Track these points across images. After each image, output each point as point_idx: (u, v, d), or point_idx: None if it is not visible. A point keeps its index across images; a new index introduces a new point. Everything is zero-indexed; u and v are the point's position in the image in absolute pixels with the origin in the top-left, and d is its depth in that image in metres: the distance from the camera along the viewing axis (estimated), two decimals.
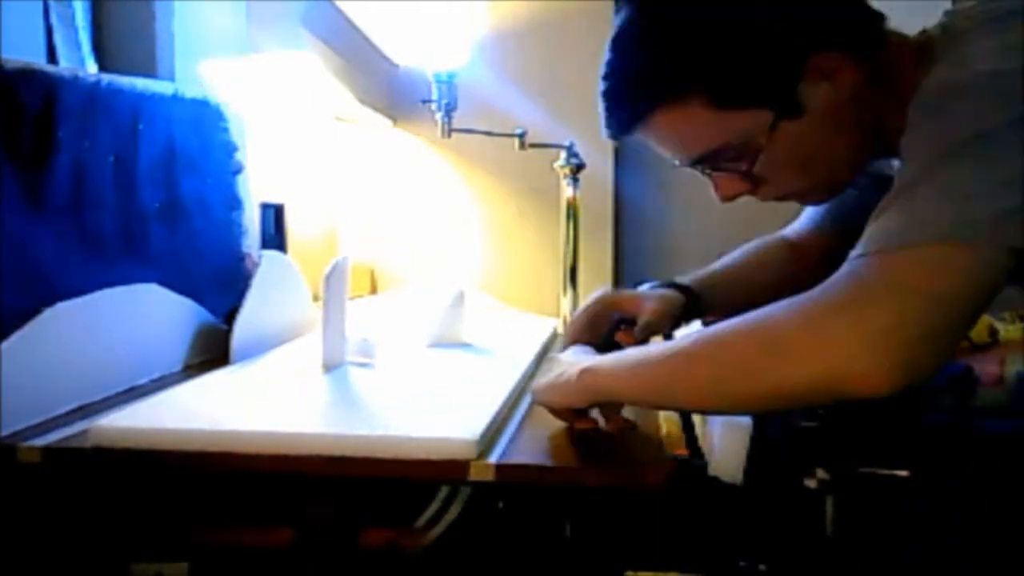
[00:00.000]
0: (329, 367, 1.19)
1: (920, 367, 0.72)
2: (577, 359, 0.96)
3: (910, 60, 0.89)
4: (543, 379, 0.97)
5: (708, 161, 0.94)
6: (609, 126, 0.95)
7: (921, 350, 0.72)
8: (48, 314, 0.97)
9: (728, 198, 0.96)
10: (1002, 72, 0.77)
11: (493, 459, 0.86)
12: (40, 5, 1.26)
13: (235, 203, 1.44)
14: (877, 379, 0.71)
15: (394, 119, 2.22)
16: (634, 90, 0.92)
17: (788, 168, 0.93)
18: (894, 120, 0.87)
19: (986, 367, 1.35)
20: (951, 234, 0.73)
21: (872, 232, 0.77)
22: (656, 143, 0.95)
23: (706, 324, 1.07)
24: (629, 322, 1.11)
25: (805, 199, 1.00)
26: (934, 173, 0.76)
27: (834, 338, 0.72)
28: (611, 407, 0.95)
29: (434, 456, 0.85)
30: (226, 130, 1.42)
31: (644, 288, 1.17)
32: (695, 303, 1.17)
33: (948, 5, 2.02)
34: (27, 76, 1.01)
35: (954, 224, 0.73)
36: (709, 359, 0.81)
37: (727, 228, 2.20)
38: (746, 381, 0.78)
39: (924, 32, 0.92)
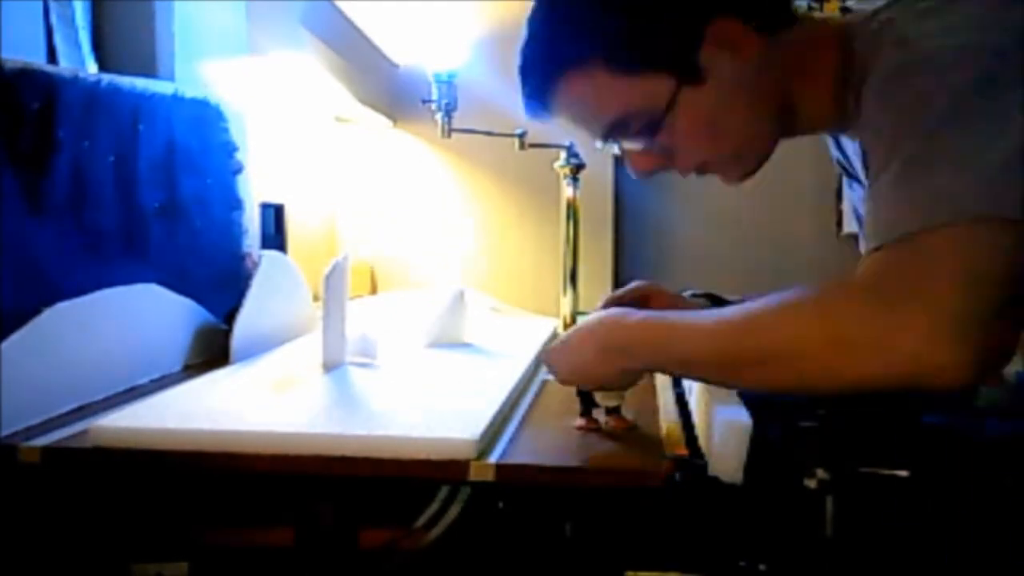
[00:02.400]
0: (329, 367, 1.19)
1: (993, 352, 0.72)
2: (582, 328, 0.94)
3: (825, 43, 0.90)
4: (557, 351, 0.95)
5: (617, 131, 0.94)
6: (526, 104, 0.97)
7: (993, 334, 0.71)
8: (48, 314, 0.97)
9: (644, 172, 0.97)
10: (947, 47, 0.77)
11: (493, 459, 0.86)
12: (40, 5, 1.26)
13: (235, 203, 1.44)
14: (957, 369, 0.70)
15: (394, 119, 2.22)
16: (540, 62, 0.95)
17: (694, 136, 0.92)
18: (809, 100, 0.90)
19: None
20: (985, 209, 0.72)
21: (897, 211, 0.76)
22: (568, 118, 0.96)
23: None
24: None
25: (722, 173, 0.98)
26: (935, 145, 0.75)
27: (908, 331, 0.71)
28: (613, 402, 0.94)
29: (434, 456, 0.85)
30: (226, 130, 1.42)
31: (686, 294, 1.17)
32: None
33: None
34: (27, 76, 1.01)
35: (984, 198, 0.72)
36: (763, 346, 0.79)
37: (727, 228, 2.21)
38: (816, 373, 0.76)
39: (836, 19, 0.93)
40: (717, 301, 1.16)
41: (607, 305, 1.11)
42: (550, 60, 0.93)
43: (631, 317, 0.90)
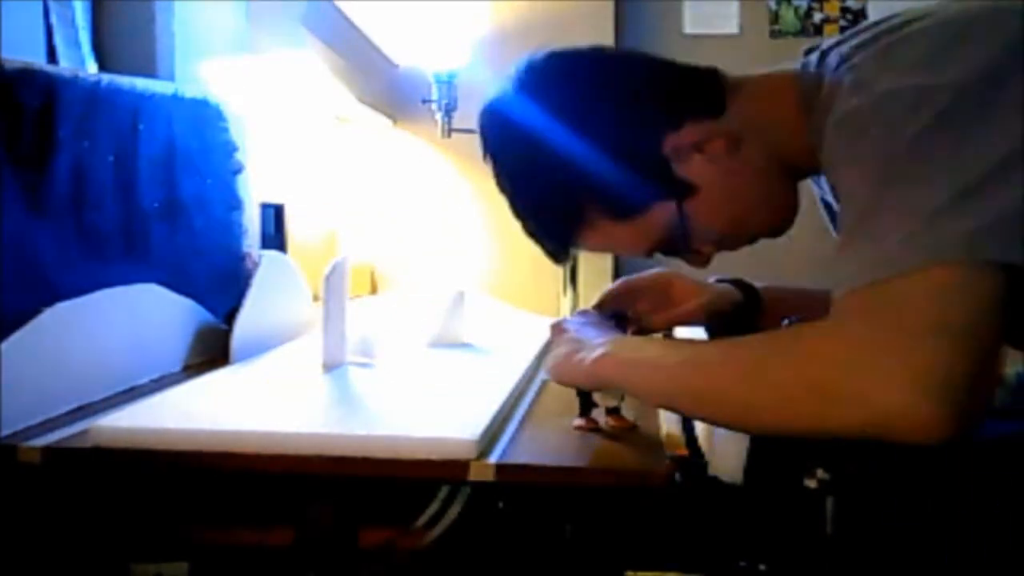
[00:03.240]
0: (329, 367, 1.19)
1: (974, 406, 0.71)
2: (585, 334, 0.96)
3: (779, 91, 0.93)
4: (558, 350, 0.96)
5: (654, 253, 1.01)
6: (554, 256, 1.03)
7: (972, 386, 0.70)
8: (48, 314, 0.97)
9: (704, 266, 1.03)
10: (898, 90, 0.77)
11: (493, 459, 0.86)
12: (40, 5, 1.26)
13: (235, 203, 1.44)
14: (938, 425, 0.69)
15: (394, 119, 2.22)
16: (545, 232, 1.01)
17: (721, 231, 0.98)
18: (798, 145, 0.91)
19: None
20: (952, 251, 0.71)
21: (861, 254, 0.75)
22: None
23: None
24: (621, 317, 1.10)
25: (768, 236, 1.02)
26: (895, 188, 0.75)
27: (883, 386, 0.70)
28: (613, 402, 0.95)
29: (434, 456, 0.85)
30: (226, 130, 1.42)
31: (712, 279, 1.18)
32: (753, 309, 1.18)
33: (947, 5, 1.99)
34: (27, 76, 1.01)
35: (951, 241, 0.71)
36: (743, 384, 0.78)
37: None
38: (789, 419, 0.76)
39: (795, 70, 0.94)
40: (744, 287, 1.17)
41: (621, 291, 1.12)
42: (553, 232, 1.01)
43: (622, 351, 0.89)
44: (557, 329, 0.99)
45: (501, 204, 1.02)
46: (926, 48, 0.79)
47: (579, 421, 0.98)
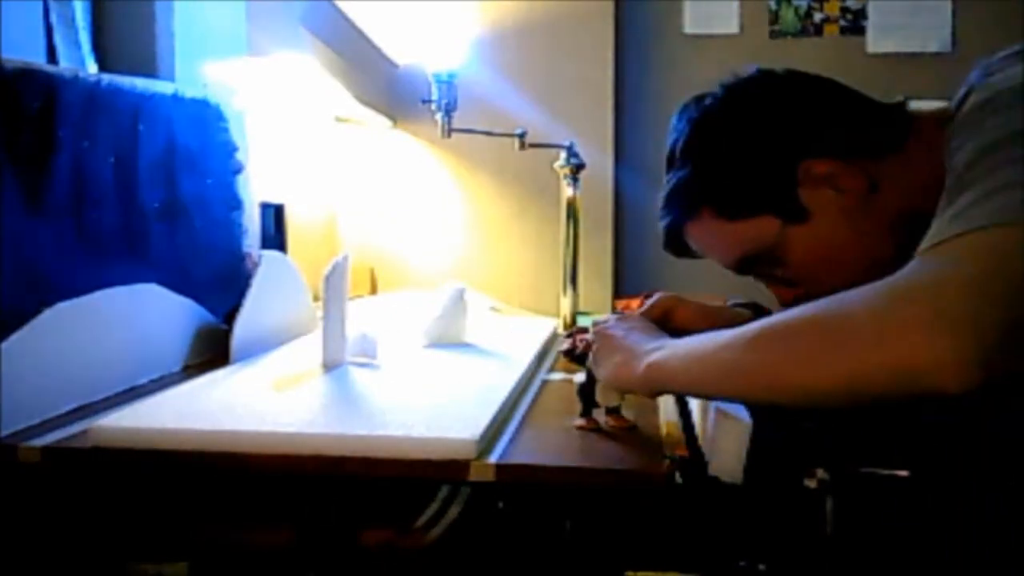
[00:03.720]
0: (329, 367, 1.19)
1: (1002, 358, 0.68)
2: (632, 339, 0.94)
3: (937, 137, 0.89)
4: (605, 358, 0.95)
5: (747, 269, 1.04)
6: (665, 244, 1.09)
7: (996, 340, 0.68)
8: (48, 314, 0.97)
9: (784, 303, 1.03)
10: (1016, 86, 0.78)
11: (493, 459, 0.86)
12: (40, 5, 1.26)
13: (235, 203, 1.44)
14: (953, 370, 0.67)
15: (394, 119, 2.22)
16: (665, 211, 1.07)
17: (813, 268, 0.99)
18: (935, 197, 0.86)
19: None
20: (1006, 216, 0.71)
21: (934, 228, 0.76)
22: (701, 253, 1.08)
23: None
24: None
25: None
26: (982, 167, 0.75)
27: (906, 326, 0.69)
28: (613, 402, 0.95)
29: (434, 456, 0.85)
30: (226, 130, 1.42)
31: (729, 303, 1.17)
32: None
33: (948, 5, 1.99)
34: (27, 76, 1.01)
35: (1006, 206, 0.71)
36: (771, 348, 0.78)
37: None
38: (810, 371, 0.75)
39: (943, 107, 0.93)
40: (759, 311, 1.16)
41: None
42: (669, 211, 1.06)
43: (663, 363, 0.88)
44: (603, 335, 0.98)
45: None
46: None
47: (579, 421, 0.98)
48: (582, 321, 1.69)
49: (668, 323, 1.10)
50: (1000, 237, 0.71)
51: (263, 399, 1.03)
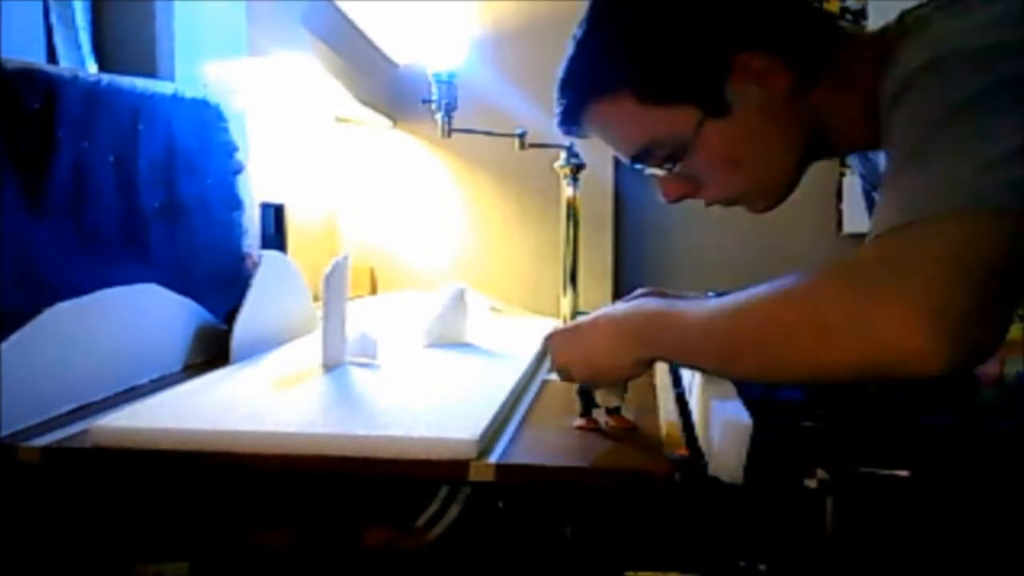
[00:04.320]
0: (329, 367, 1.19)
1: (975, 343, 0.70)
2: (598, 320, 0.94)
3: (870, 60, 0.88)
4: (571, 343, 0.95)
5: (644, 158, 0.95)
6: (559, 121, 0.98)
7: (974, 324, 0.69)
8: (48, 314, 0.97)
9: (671, 199, 0.98)
10: (968, 49, 0.77)
11: (493, 459, 0.86)
12: (40, 5, 1.26)
13: (235, 203, 1.44)
14: (933, 357, 0.69)
15: (394, 119, 2.22)
16: (572, 85, 0.96)
17: (719, 167, 0.94)
18: (843, 123, 0.88)
19: (986, 367, 1.35)
20: (980, 200, 0.71)
21: (895, 201, 0.75)
22: (598, 136, 0.98)
23: None
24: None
25: (748, 203, 0.98)
26: (934, 143, 0.75)
27: (886, 317, 0.70)
28: (614, 402, 0.94)
29: (434, 456, 0.85)
30: (226, 130, 1.42)
31: (709, 296, 1.17)
32: None
33: None
34: (27, 76, 1.01)
35: (980, 189, 0.71)
36: (756, 329, 0.79)
37: (727, 228, 2.21)
38: (795, 358, 0.76)
39: (883, 30, 0.91)
40: None
41: None
42: (582, 84, 0.95)
43: (649, 305, 0.90)
44: (554, 339, 0.97)
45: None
46: (1006, 9, 0.78)
47: (579, 421, 0.98)
48: None
49: None
50: (961, 221, 0.71)
51: (263, 399, 1.03)
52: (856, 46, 0.92)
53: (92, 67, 1.33)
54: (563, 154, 1.74)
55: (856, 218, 2.07)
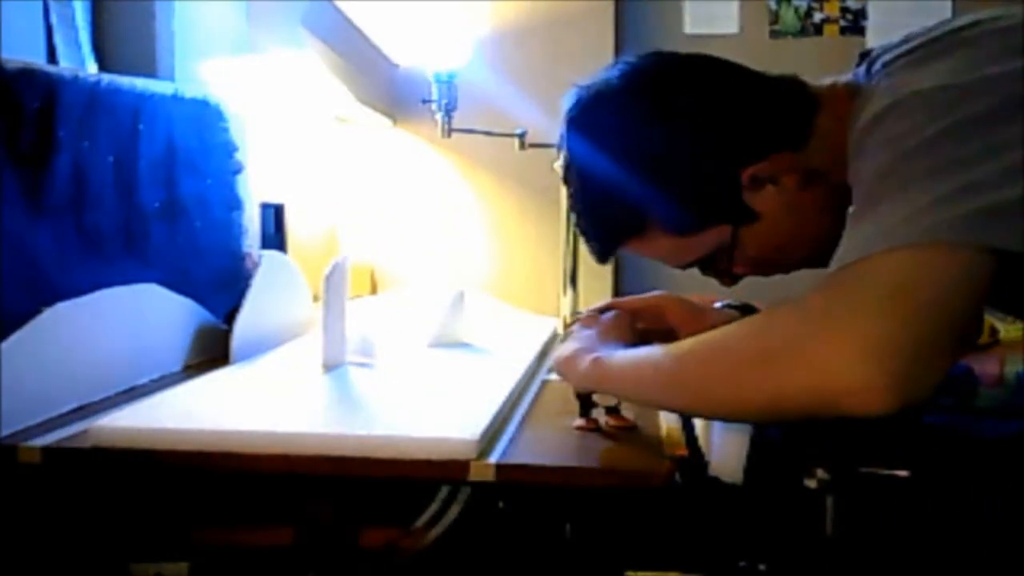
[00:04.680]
0: (329, 367, 1.19)
1: (917, 380, 0.69)
2: (592, 336, 0.98)
3: (846, 111, 0.90)
4: (563, 348, 0.98)
5: (691, 266, 1.02)
6: (595, 258, 1.05)
7: (917, 361, 0.69)
8: (48, 314, 0.97)
9: (730, 286, 1.04)
10: (923, 90, 0.78)
11: (493, 459, 0.86)
12: (40, 5, 1.26)
13: (235, 203, 1.44)
14: (874, 394, 0.68)
15: (394, 119, 2.22)
16: (599, 235, 1.02)
17: (766, 260, 1.00)
18: (844, 170, 0.89)
19: (986, 367, 1.35)
20: (932, 235, 0.71)
21: (849, 242, 0.76)
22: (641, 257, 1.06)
23: None
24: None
25: (803, 268, 1.01)
26: (895, 180, 0.75)
27: (827, 350, 0.70)
28: (613, 402, 0.95)
29: (434, 456, 0.85)
30: (226, 130, 1.42)
31: (718, 305, 1.17)
32: None
33: (948, 4, 2.00)
34: (27, 76, 1.01)
35: (932, 225, 0.71)
36: (701, 365, 0.80)
37: None
38: (736, 391, 0.77)
39: (849, 81, 0.94)
40: (749, 311, 1.16)
41: (606, 308, 1.11)
42: (610, 233, 1.02)
43: (606, 364, 0.91)
44: (573, 330, 1.02)
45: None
46: (964, 59, 0.79)
47: (579, 421, 0.98)
48: None
49: (660, 321, 1.10)
50: (912, 255, 0.71)
51: (263, 399, 1.03)
52: (830, 104, 0.95)
53: (92, 67, 1.33)
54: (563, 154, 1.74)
55: None
